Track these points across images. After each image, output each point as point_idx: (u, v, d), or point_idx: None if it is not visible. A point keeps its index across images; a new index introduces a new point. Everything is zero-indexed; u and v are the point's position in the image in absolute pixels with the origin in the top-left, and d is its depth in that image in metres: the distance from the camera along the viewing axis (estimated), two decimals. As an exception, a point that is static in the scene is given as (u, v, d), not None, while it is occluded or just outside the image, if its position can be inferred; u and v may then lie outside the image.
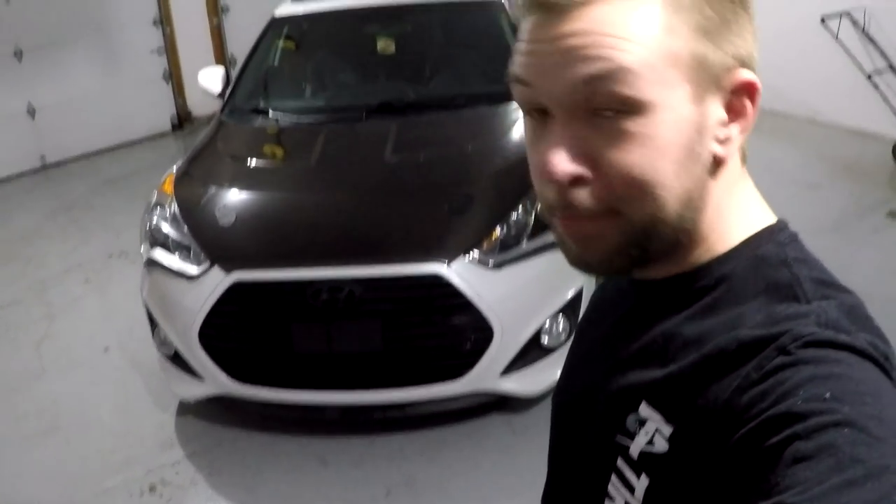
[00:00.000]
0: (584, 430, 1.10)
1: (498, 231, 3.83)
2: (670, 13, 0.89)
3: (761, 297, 0.92)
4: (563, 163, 0.90)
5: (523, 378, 3.85)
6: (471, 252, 3.73)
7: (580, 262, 0.99)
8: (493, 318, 3.67)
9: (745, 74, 0.95)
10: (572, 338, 1.32)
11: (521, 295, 3.76)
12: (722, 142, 0.95)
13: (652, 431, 0.94)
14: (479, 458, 3.89)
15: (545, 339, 3.84)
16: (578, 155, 0.91)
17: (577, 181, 0.91)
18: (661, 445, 0.93)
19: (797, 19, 7.45)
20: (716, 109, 0.94)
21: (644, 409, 0.96)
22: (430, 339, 3.80)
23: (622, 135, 0.89)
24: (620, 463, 0.99)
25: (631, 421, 0.98)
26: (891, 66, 7.04)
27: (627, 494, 0.97)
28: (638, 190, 0.91)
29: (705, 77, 0.92)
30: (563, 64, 0.90)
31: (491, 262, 3.73)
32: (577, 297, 3.84)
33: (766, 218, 1.02)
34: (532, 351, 3.83)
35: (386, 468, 3.89)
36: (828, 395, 0.78)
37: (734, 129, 0.96)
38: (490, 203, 4.00)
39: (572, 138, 0.91)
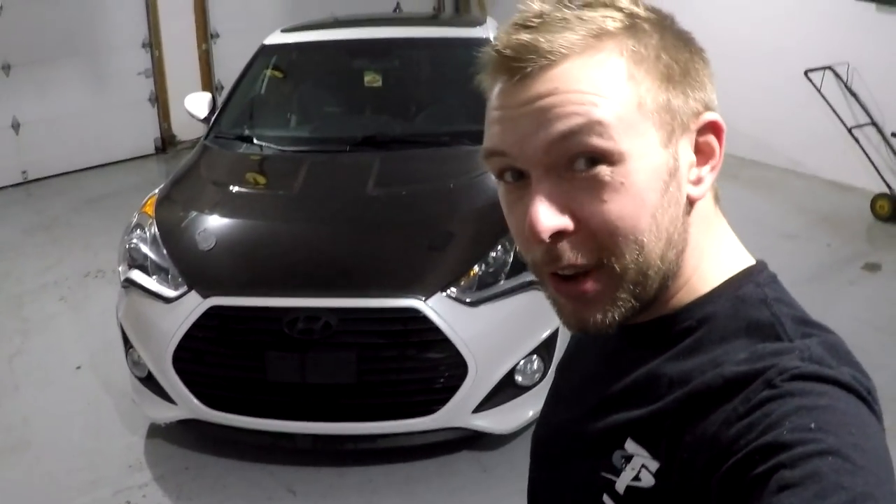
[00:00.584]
0: (567, 467, 1.11)
1: (476, 268, 3.84)
2: (632, 65, 0.93)
3: (743, 337, 0.95)
4: (545, 218, 0.92)
5: (496, 415, 3.85)
6: (449, 288, 3.74)
7: (577, 322, 1.00)
8: (469, 355, 3.67)
9: (710, 115, 0.99)
10: (553, 375, 1.33)
11: (498, 333, 3.77)
12: (695, 182, 0.99)
13: (638, 467, 0.96)
14: (447, 494, 3.87)
15: (519, 378, 3.84)
16: (559, 209, 0.93)
17: (560, 235, 0.93)
18: (647, 480, 0.94)
19: (781, 72, 7.52)
20: (686, 152, 0.97)
21: (630, 446, 0.98)
22: (404, 373, 3.80)
23: (599, 185, 0.92)
24: (606, 499, 1.00)
25: (617, 457, 0.99)
26: (872, 121, 7.11)
27: None
28: (620, 237, 0.93)
29: (673, 122, 0.95)
30: (536, 126, 0.92)
31: (468, 298, 3.74)
32: (553, 337, 3.84)
33: (745, 259, 1.05)
34: (506, 389, 3.83)
35: (355, 500, 3.86)
36: (813, 425, 0.80)
37: (705, 170, 1.00)
38: (470, 240, 4.02)
39: (551, 195, 0.93)
